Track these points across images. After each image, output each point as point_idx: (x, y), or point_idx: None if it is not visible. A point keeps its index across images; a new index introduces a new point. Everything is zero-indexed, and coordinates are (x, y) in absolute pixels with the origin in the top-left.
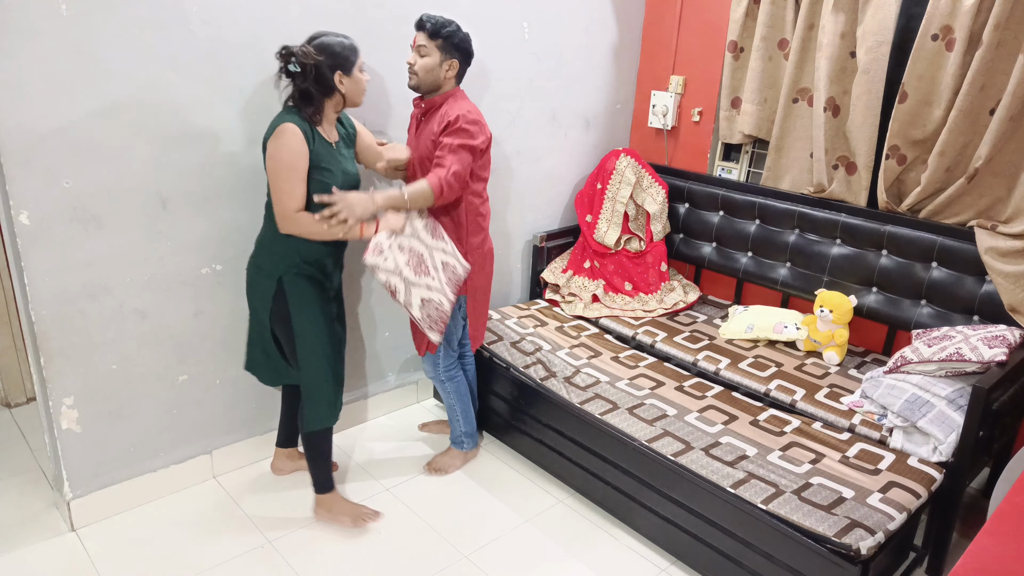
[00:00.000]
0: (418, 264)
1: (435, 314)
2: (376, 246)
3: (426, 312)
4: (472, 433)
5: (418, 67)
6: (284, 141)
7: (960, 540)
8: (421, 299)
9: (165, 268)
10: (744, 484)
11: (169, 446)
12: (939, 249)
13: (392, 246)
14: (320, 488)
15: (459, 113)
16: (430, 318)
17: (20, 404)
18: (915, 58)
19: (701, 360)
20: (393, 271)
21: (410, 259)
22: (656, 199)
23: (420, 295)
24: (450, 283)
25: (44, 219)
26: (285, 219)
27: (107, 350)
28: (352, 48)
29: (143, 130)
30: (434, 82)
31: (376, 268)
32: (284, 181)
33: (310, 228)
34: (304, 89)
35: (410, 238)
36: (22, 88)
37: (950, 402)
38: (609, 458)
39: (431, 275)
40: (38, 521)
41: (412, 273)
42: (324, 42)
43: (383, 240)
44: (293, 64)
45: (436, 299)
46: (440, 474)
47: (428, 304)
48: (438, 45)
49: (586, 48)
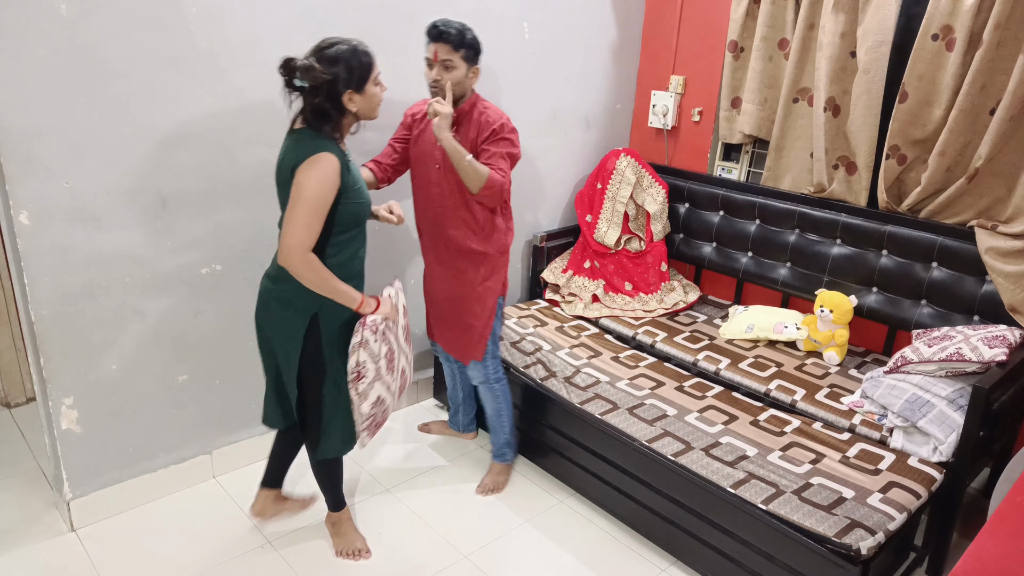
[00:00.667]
0: (390, 360)
1: (380, 416)
2: (374, 324)
3: (375, 410)
4: (513, 443)
5: (447, 82)
6: (320, 171)
7: (960, 540)
8: (378, 396)
9: (165, 268)
10: (744, 484)
11: (169, 446)
12: (939, 249)
13: (382, 331)
14: (333, 508)
15: (502, 121)
16: (373, 418)
17: (20, 404)
18: (915, 58)
19: (701, 360)
20: (374, 357)
21: (387, 352)
22: (656, 199)
23: (379, 392)
24: (400, 390)
25: (44, 219)
26: (293, 253)
27: (107, 350)
28: (367, 59)
29: (143, 130)
30: (461, 93)
31: (366, 344)
32: (307, 213)
33: (314, 274)
34: (318, 107)
35: (392, 332)
36: (22, 88)
37: (950, 402)
38: (609, 458)
39: (393, 375)
40: (38, 521)
41: (385, 367)
42: (335, 54)
43: (379, 322)
44: (299, 79)
45: (388, 401)
46: (495, 493)
47: (379, 404)
48: (463, 55)
49: (586, 48)
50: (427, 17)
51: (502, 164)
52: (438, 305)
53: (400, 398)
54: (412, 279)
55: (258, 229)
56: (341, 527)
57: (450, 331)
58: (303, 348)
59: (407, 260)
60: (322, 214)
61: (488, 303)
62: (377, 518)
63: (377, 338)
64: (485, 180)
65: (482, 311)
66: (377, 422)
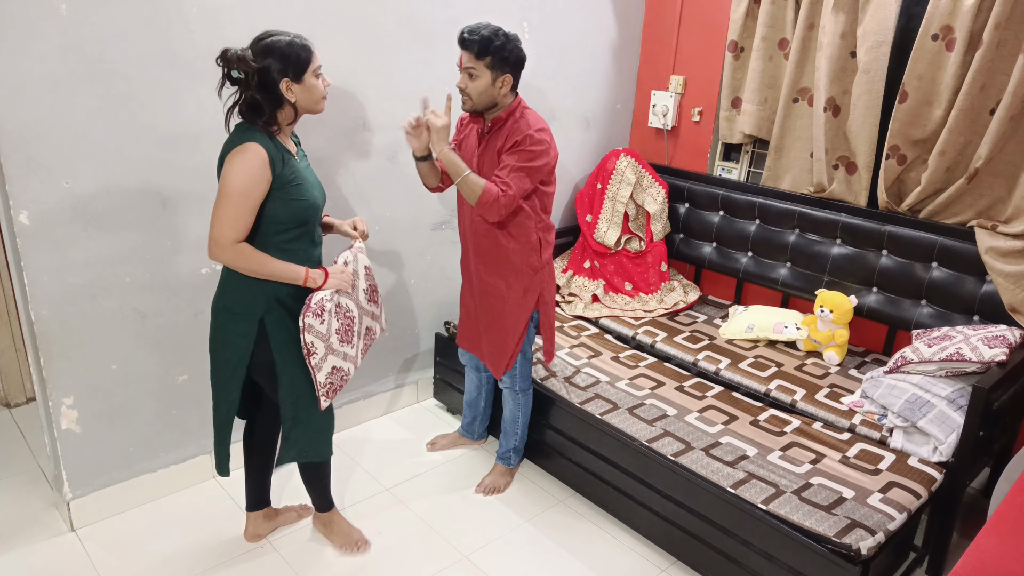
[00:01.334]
0: (346, 331)
1: (337, 382)
2: (319, 305)
3: (330, 379)
4: (520, 450)
5: (470, 90)
6: (244, 163)
7: (960, 540)
8: (333, 367)
9: (165, 268)
10: (744, 484)
11: (169, 446)
12: (939, 249)
13: (331, 308)
14: (320, 508)
15: (527, 133)
16: (331, 385)
17: (20, 404)
18: (915, 58)
19: (701, 360)
20: (323, 336)
21: (341, 324)
22: (656, 199)
23: (334, 363)
24: (365, 350)
25: (44, 219)
26: (220, 247)
27: (107, 350)
28: (302, 49)
29: (143, 130)
30: (490, 101)
31: (310, 328)
32: (231, 206)
33: (252, 264)
34: (251, 100)
35: (347, 297)
36: (22, 88)
37: (950, 402)
38: (609, 458)
39: (351, 343)
40: (38, 521)
41: (337, 341)
42: (268, 43)
43: (326, 299)
44: (236, 70)
45: (346, 368)
46: (495, 493)
47: (336, 372)
48: (487, 64)
49: (586, 48)
50: (425, 16)
51: (511, 177)
52: (472, 315)
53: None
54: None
55: None
56: (334, 526)
57: (484, 343)
58: (253, 356)
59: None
60: (249, 207)
61: (521, 319)
62: (377, 518)
63: (324, 318)
64: (480, 195)
65: (514, 327)
66: (335, 387)
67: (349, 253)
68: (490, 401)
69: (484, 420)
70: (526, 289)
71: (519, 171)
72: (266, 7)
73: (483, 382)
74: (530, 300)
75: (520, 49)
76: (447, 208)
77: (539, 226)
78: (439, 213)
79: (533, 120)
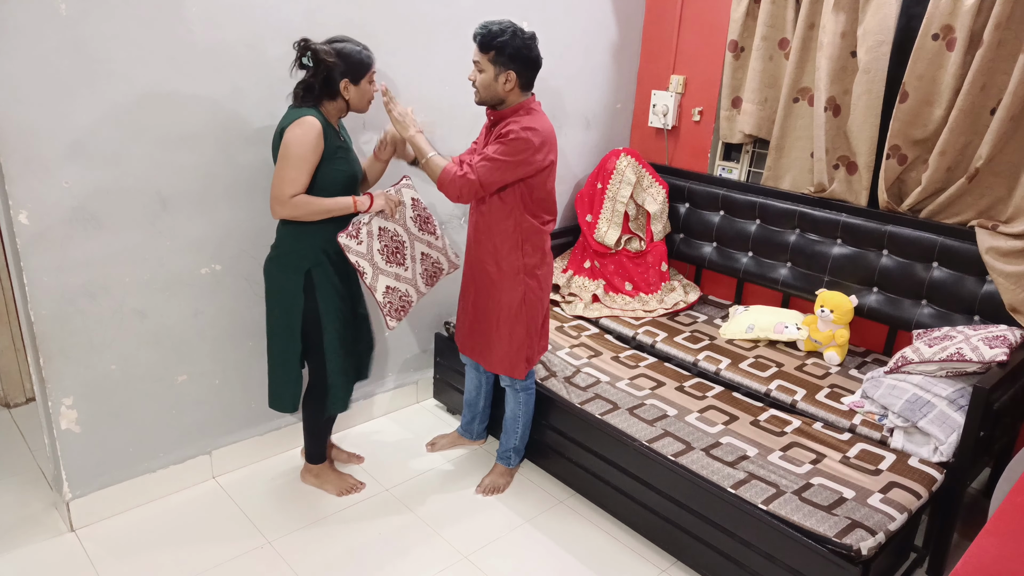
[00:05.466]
0: (393, 252)
1: (397, 302)
2: (355, 226)
3: (388, 299)
4: (521, 450)
5: (477, 84)
6: (303, 131)
7: (961, 540)
8: (387, 287)
9: (165, 268)
10: (745, 484)
11: (169, 446)
12: (940, 249)
13: (371, 230)
14: (313, 460)
15: (514, 129)
16: (391, 305)
17: (20, 404)
18: (916, 58)
19: (701, 360)
20: (364, 255)
21: (386, 246)
22: (656, 199)
23: (386, 283)
24: (425, 275)
25: (44, 219)
26: (280, 203)
27: (107, 350)
28: (367, 59)
29: (143, 130)
30: (495, 97)
31: (348, 249)
32: (291, 168)
33: (307, 208)
34: (309, 83)
35: (394, 223)
36: (22, 88)
37: (951, 402)
38: (609, 458)
39: (404, 265)
40: (37, 521)
41: (383, 261)
42: (342, 48)
43: (363, 222)
44: (308, 58)
45: (403, 289)
46: (495, 493)
47: (392, 292)
48: (490, 58)
49: (586, 48)
50: (424, 16)
51: (479, 165)
52: (467, 316)
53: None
54: None
55: (258, 229)
56: (325, 475)
57: (479, 346)
58: (304, 306)
59: None
60: (306, 170)
61: (516, 324)
62: (377, 518)
63: (362, 239)
64: (439, 174)
65: (511, 331)
66: (396, 307)
67: (395, 187)
68: (489, 401)
69: (483, 420)
70: (522, 294)
71: (490, 161)
72: (266, 7)
73: (483, 382)
74: (528, 305)
75: (530, 48)
76: (446, 210)
77: (522, 226)
78: (439, 214)
79: (530, 120)
